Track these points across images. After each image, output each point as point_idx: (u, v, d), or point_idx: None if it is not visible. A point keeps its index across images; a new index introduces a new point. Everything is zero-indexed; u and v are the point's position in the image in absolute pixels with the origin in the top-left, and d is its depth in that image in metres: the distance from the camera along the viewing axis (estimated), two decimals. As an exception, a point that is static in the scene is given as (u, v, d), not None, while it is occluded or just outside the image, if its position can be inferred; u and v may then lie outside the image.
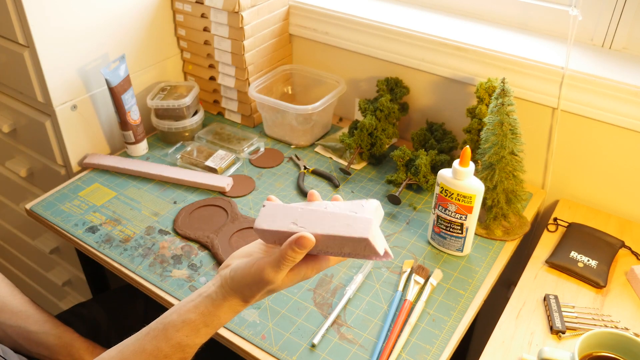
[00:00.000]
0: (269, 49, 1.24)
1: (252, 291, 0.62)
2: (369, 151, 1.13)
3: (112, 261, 0.92)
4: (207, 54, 1.23)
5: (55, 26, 1.00)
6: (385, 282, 0.88)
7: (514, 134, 0.90)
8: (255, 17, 1.17)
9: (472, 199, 0.85)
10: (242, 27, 1.14)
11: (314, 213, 0.61)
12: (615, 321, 0.81)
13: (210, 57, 1.23)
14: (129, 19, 1.13)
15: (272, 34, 1.24)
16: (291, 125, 1.17)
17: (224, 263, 0.67)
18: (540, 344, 0.78)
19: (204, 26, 1.19)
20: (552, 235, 0.98)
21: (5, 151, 1.31)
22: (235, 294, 0.63)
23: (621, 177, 1.01)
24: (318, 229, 0.59)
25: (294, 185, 1.09)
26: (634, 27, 0.99)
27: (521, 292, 0.87)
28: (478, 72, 1.06)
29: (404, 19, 1.14)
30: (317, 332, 0.80)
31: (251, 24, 1.16)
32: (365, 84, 1.26)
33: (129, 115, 1.12)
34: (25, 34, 0.98)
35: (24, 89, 1.08)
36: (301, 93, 1.31)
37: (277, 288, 0.62)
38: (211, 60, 1.24)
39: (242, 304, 0.64)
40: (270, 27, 1.22)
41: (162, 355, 0.63)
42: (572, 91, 0.98)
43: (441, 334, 0.80)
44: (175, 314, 0.64)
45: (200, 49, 1.24)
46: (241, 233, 0.97)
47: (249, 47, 1.18)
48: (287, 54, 1.32)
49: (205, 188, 1.07)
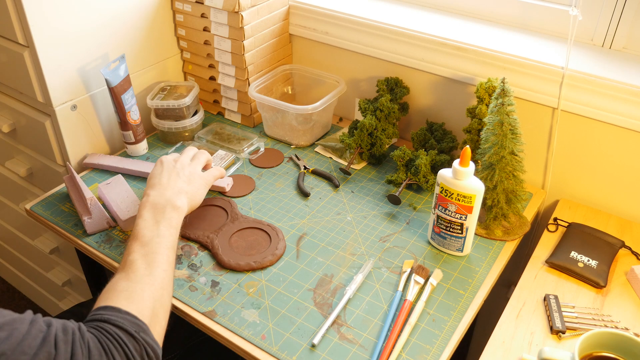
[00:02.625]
0: (269, 49, 1.25)
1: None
2: (369, 151, 1.13)
3: (112, 261, 0.92)
4: (207, 54, 1.23)
5: (55, 26, 1.00)
6: (385, 282, 0.88)
7: (514, 134, 0.90)
8: (255, 17, 1.17)
9: (472, 199, 0.85)
10: (242, 27, 1.14)
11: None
12: (615, 321, 0.81)
13: (210, 57, 1.23)
14: (129, 19, 1.13)
15: (272, 34, 1.24)
16: (291, 125, 1.17)
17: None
18: (540, 344, 0.78)
19: (204, 26, 1.19)
20: (552, 235, 0.98)
21: (5, 151, 1.31)
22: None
23: (621, 177, 1.01)
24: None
25: (294, 185, 1.09)
26: (634, 27, 0.99)
27: (521, 292, 0.87)
28: (478, 72, 1.06)
29: (404, 19, 1.14)
30: (317, 332, 0.80)
31: (251, 24, 1.16)
32: (365, 84, 1.26)
33: (129, 115, 1.12)
34: (25, 34, 0.98)
35: (24, 89, 1.08)
36: (301, 93, 1.31)
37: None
38: (211, 60, 1.24)
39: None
40: (270, 27, 1.22)
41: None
42: (572, 91, 0.98)
43: (441, 334, 0.80)
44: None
45: (200, 49, 1.24)
46: (241, 233, 0.97)
47: (249, 47, 1.18)
48: (287, 54, 1.32)
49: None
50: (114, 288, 0.71)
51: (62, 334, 0.61)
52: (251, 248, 0.94)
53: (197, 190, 0.92)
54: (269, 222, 0.99)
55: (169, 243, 0.79)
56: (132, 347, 0.64)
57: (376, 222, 1.00)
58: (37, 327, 0.59)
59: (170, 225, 0.82)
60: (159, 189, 0.87)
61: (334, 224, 1.00)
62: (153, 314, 0.70)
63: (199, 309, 0.84)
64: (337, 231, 0.98)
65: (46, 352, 0.58)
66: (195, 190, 0.91)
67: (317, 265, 0.91)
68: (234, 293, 0.86)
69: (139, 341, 0.65)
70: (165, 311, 0.73)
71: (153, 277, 0.73)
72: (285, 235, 0.97)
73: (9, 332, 0.57)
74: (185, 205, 0.87)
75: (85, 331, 0.63)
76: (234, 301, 0.85)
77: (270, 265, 0.91)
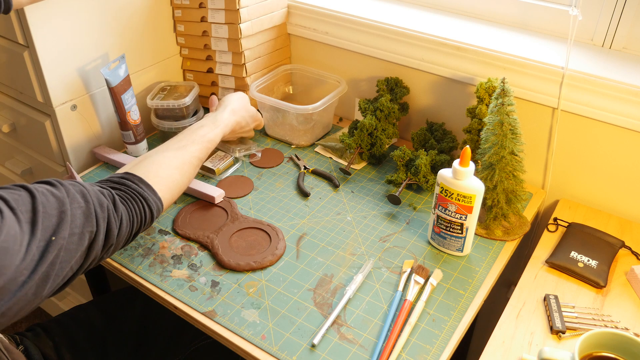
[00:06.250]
0: (267, 48, 1.24)
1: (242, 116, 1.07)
2: (369, 151, 1.13)
3: (112, 261, 0.92)
4: (205, 45, 1.22)
5: (55, 26, 1.00)
6: (385, 282, 0.88)
7: (514, 134, 0.90)
8: (253, 0, 1.17)
9: (472, 199, 0.85)
10: (239, 10, 1.14)
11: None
12: (615, 321, 0.81)
13: (208, 47, 1.22)
14: (129, 19, 1.13)
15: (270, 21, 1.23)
16: (292, 125, 1.17)
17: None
18: (540, 344, 0.78)
19: (202, 16, 1.18)
20: (552, 235, 0.98)
21: (5, 151, 1.31)
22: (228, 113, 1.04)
23: (621, 177, 1.01)
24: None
25: (294, 185, 1.09)
26: (634, 27, 0.99)
27: (521, 292, 0.87)
28: (478, 72, 1.06)
29: (404, 19, 1.14)
30: (317, 332, 0.80)
31: (247, 7, 1.16)
32: (365, 84, 1.26)
33: (129, 115, 1.12)
34: (25, 34, 0.99)
35: (23, 88, 1.08)
36: (302, 93, 1.31)
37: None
38: (209, 51, 1.23)
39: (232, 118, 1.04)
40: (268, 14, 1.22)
41: (180, 146, 0.89)
42: (572, 91, 0.98)
43: (441, 334, 0.80)
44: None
45: (197, 41, 1.22)
46: (241, 233, 0.97)
47: (246, 32, 1.17)
48: (286, 55, 1.32)
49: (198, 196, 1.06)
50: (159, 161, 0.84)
51: (99, 209, 0.67)
52: (251, 248, 0.94)
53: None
54: (269, 222, 0.99)
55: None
56: (149, 221, 0.77)
57: (376, 222, 1.00)
58: (77, 204, 0.65)
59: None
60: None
61: (334, 224, 1.00)
62: (171, 196, 0.83)
63: (199, 309, 0.84)
64: (337, 231, 0.98)
65: (89, 231, 0.65)
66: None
67: (317, 265, 0.91)
68: (234, 293, 0.86)
69: (154, 218, 0.78)
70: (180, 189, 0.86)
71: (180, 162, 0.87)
72: (285, 235, 0.97)
73: (60, 218, 0.62)
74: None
75: (118, 204, 0.71)
76: (234, 301, 0.85)
77: (270, 265, 0.91)
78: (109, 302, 1.05)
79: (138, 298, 1.03)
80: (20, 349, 0.89)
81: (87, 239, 0.65)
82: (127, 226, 0.72)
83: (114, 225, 0.69)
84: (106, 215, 0.68)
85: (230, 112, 1.04)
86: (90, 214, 0.66)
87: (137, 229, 0.75)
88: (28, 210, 0.60)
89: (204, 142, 0.93)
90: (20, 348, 0.89)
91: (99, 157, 1.16)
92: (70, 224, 0.63)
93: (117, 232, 0.70)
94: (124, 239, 0.73)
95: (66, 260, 0.62)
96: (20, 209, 0.59)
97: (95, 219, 0.66)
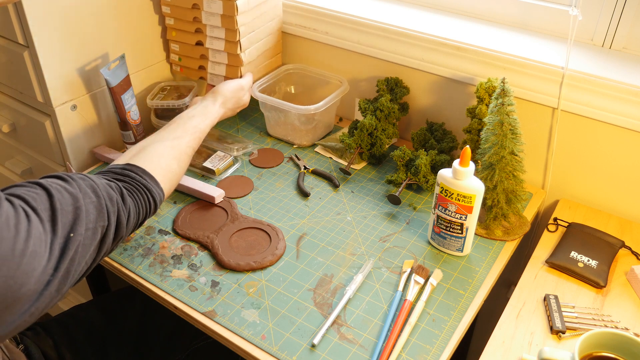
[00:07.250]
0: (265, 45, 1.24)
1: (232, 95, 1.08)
2: (369, 151, 1.13)
3: (112, 261, 0.92)
4: (194, 17, 1.15)
5: (55, 26, 1.00)
6: (385, 282, 0.88)
7: (514, 134, 0.90)
8: None
9: (472, 199, 0.85)
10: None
11: None
12: (615, 321, 0.81)
13: (198, 20, 1.14)
14: (128, 19, 1.13)
15: (268, 30, 1.23)
16: (294, 125, 1.17)
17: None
18: (540, 344, 0.78)
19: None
20: (552, 235, 0.98)
21: (5, 151, 1.31)
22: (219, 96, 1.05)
23: (621, 177, 1.01)
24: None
25: (294, 185, 1.09)
26: (634, 27, 0.99)
27: (521, 292, 0.87)
28: (478, 72, 1.06)
29: (404, 19, 1.14)
30: (317, 332, 0.80)
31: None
32: (365, 84, 1.26)
33: (129, 115, 1.12)
34: (25, 34, 0.98)
35: (23, 88, 1.08)
36: (304, 93, 1.31)
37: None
38: (198, 24, 1.15)
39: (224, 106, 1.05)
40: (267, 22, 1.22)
41: (175, 136, 0.90)
42: (572, 91, 0.98)
43: (441, 334, 0.80)
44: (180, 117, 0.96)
45: (186, 13, 1.15)
46: (241, 233, 0.97)
47: (243, 8, 1.11)
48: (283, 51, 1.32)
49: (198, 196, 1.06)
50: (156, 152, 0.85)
51: (110, 203, 0.68)
52: (251, 248, 0.94)
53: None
54: (269, 222, 0.99)
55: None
56: (152, 211, 0.78)
57: (376, 222, 1.00)
58: (89, 199, 0.65)
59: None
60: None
61: (334, 224, 1.00)
62: (170, 186, 0.84)
63: (199, 309, 0.84)
64: (337, 231, 0.98)
65: (101, 226, 0.66)
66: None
67: (317, 265, 0.91)
68: (234, 293, 0.86)
69: (157, 208, 0.80)
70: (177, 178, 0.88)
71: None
72: (285, 235, 0.97)
73: (75, 214, 0.63)
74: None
75: (126, 197, 0.72)
76: (234, 301, 0.85)
77: (270, 265, 0.91)
78: (108, 301, 1.05)
79: (138, 298, 1.03)
80: (21, 348, 0.89)
81: (99, 233, 0.66)
82: (134, 218, 0.74)
83: (123, 218, 0.70)
84: (116, 209, 0.69)
85: (220, 105, 1.04)
86: (102, 209, 0.67)
87: (142, 219, 0.77)
88: (47, 208, 0.60)
89: (196, 133, 0.94)
90: (20, 347, 0.89)
91: (98, 157, 1.16)
92: (85, 219, 0.63)
93: (125, 225, 0.71)
94: (130, 230, 0.74)
95: (82, 256, 0.63)
96: (40, 208, 0.59)
97: (107, 213, 0.67)
